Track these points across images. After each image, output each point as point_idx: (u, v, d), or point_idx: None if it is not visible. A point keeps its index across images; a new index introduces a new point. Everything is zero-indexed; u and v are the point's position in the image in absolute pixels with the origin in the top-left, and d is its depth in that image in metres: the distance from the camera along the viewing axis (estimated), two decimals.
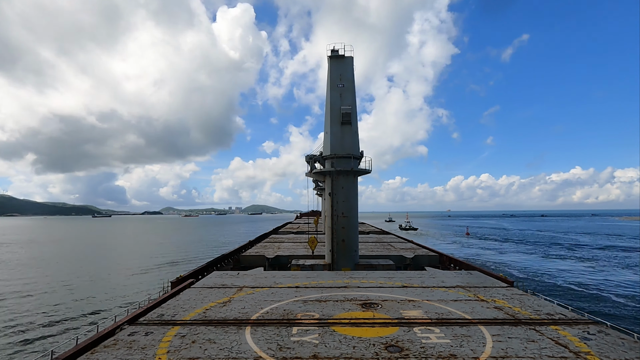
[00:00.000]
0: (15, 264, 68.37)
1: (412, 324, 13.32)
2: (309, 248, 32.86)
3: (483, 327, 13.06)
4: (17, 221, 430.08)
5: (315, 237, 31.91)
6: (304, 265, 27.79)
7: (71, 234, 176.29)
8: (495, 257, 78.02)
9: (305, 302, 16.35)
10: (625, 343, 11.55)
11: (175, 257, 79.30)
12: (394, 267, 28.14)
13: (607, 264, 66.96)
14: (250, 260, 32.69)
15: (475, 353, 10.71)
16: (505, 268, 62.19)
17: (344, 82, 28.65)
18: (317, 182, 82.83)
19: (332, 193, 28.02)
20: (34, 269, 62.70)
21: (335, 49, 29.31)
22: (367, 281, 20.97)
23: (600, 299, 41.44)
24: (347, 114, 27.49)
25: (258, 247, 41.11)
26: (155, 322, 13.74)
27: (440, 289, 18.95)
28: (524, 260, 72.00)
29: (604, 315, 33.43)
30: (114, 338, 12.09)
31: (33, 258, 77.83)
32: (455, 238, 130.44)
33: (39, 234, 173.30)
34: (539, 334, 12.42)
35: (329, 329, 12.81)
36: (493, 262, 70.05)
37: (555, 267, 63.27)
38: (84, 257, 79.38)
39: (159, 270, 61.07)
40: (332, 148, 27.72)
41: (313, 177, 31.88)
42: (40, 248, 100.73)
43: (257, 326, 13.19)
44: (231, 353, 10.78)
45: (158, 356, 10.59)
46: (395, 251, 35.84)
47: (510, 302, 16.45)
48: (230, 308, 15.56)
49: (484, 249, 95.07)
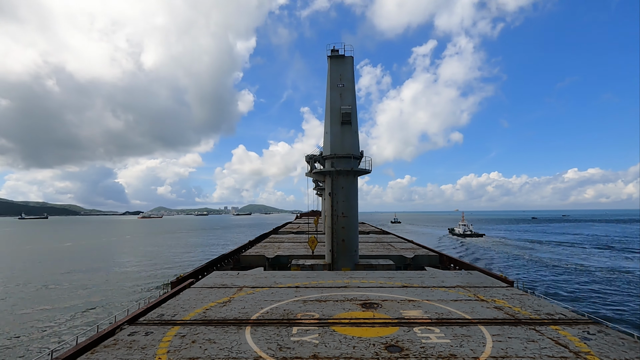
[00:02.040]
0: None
1: (412, 324, 13.32)
2: (309, 248, 32.86)
3: (483, 327, 13.06)
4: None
5: (315, 237, 31.92)
6: (304, 265, 27.79)
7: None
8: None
9: (305, 302, 16.34)
10: (625, 343, 11.54)
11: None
12: (394, 267, 28.13)
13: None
14: (250, 260, 32.69)
15: (475, 353, 10.70)
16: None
17: (344, 82, 28.66)
18: (317, 182, 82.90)
19: (332, 193, 28.02)
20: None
21: (335, 49, 29.34)
22: (367, 281, 20.96)
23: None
24: (347, 114, 27.50)
25: (258, 247, 41.11)
26: (155, 322, 13.74)
27: (440, 289, 18.95)
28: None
29: (603, 316, 33.40)
30: (114, 338, 12.09)
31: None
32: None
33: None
34: (539, 334, 12.41)
35: (329, 329, 12.80)
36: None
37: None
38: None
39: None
40: (332, 148, 27.73)
41: (313, 177, 31.89)
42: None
43: (257, 326, 13.18)
44: (231, 353, 10.78)
45: (158, 356, 10.58)
46: (395, 251, 35.83)
47: (510, 302, 16.45)
48: (230, 308, 15.56)
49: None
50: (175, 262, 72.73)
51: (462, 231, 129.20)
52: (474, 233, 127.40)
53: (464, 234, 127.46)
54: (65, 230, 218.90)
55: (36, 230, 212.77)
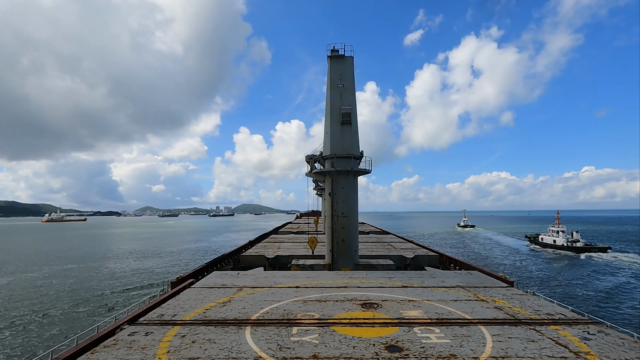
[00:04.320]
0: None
1: (412, 324, 13.32)
2: (309, 248, 32.87)
3: (483, 327, 13.06)
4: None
5: (315, 237, 31.93)
6: (304, 265, 27.79)
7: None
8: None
9: (305, 302, 16.34)
10: (625, 343, 11.54)
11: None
12: (394, 267, 28.13)
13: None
14: (250, 260, 32.70)
15: (475, 353, 10.71)
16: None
17: (344, 82, 28.66)
18: (317, 182, 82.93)
19: (332, 193, 28.02)
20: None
21: (335, 49, 29.36)
22: (367, 281, 20.96)
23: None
24: (347, 114, 27.51)
25: (258, 247, 41.11)
26: (155, 322, 13.74)
27: (440, 289, 18.95)
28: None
29: (603, 316, 33.31)
30: (114, 338, 12.09)
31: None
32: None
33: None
34: (539, 334, 12.41)
35: (329, 329, 12.80)
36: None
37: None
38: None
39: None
40: (332, 148, 27.73)
41: (313, 177, 31.91)
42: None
43: (257, 326, 13.18)
44: (231, 353, 10.78)
45: (158, 356, 10.58)
46: (395, 251, 35.83)
47: (510, 302, 16.45)
48: (230, 308, 15.56)
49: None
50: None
51: (565, 242, 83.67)
52: (591, 246, 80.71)
53: (570, 247, 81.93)
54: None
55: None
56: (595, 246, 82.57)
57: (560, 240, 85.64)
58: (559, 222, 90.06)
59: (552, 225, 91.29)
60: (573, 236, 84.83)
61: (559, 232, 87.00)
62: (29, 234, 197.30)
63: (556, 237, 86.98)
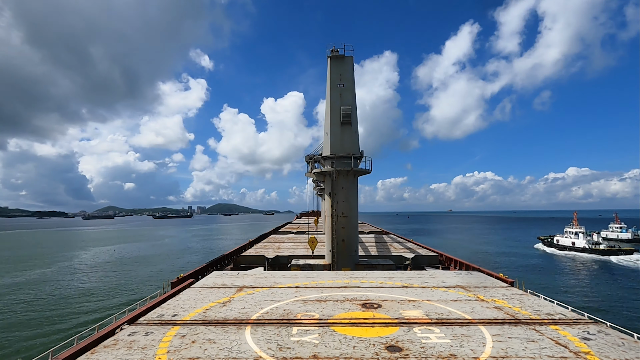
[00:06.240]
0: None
1: (412, 324, 13.31)
2: (309, 248, 32.88)
3: (483, 327, 13.06)
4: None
5: (315, 237, 31.95)
6: (304, 265, 27.80)
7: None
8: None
9: (305, 302, 16.34)
10: (625, 343, 11.54)
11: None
12: (394, 267, 28.15)
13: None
14: (250, 260, 32.70)
15: (475, 353, 10.70)
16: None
17: (344, 82, 28.69)
18: (317, 182, 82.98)
19: (332, 193, 28.04)
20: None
21: (335, 49, 29.38)
22: (367, 281, 20.96)
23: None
24: (347, 114, 27.54)
25: (258, 247, 41.12)
26: (155, 322, 13.74)
27: (440, 289, 18.95)
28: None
29: (603, 315, 33.30)
30: (114, 338, 12.09)
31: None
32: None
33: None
34: (539, 334, 12.41)
35: (329, 329, 12.80)
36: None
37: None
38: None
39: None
40: (332, 148, 27.75)
41: (313, 177, 31.92)
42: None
43: (257, 326, 13.18)
44: (231, 353, 10.78)
45: (158, 356, 10.58)
46: (395, 251, 35.85)
47: (510, 302, 16.44)
48: (230, 308, 15.56)
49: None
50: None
51: (586, 244, 74.31)
52: (615, 248, 70.58)
53: (593, 249, 72.58)
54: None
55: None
56: (621, 249, 74.83)
57: (580, 243, 76.47)
58: (577, 222, 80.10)
59: (568, 226, 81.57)
60: (593, 239, 75.66)
61: (577, 234, 78.06)
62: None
63: (575, 239, 77.85)
